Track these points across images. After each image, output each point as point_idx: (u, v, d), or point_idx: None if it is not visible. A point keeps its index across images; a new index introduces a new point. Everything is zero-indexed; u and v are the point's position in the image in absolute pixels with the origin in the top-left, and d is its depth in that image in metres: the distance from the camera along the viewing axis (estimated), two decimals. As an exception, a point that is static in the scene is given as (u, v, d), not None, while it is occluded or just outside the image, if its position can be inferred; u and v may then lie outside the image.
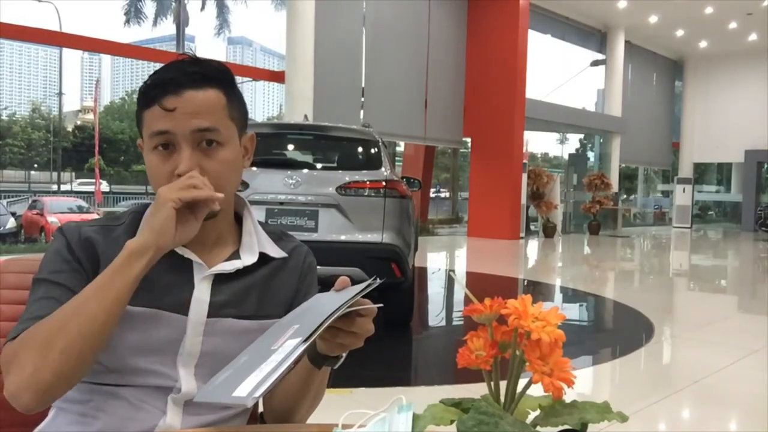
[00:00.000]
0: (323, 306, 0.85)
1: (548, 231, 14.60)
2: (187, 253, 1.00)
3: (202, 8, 26.16)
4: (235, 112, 1.02)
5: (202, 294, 0.99)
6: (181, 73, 0.96)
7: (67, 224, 1.02)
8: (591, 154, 26.03)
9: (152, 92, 0.96)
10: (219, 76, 0.99)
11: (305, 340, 0.78)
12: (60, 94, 39.77)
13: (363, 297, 0.86)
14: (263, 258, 1.06)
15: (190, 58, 1.00)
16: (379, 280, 0.89)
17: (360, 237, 4.26)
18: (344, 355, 0.96)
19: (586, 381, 3.86)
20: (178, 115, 0.95)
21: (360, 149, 4.71)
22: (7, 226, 14.76)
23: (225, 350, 0.98)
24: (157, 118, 0.95)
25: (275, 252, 1.08)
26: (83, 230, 0.99)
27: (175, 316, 0.97)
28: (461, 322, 5.49)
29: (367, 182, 4.34)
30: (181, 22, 24.66)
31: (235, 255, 1.04)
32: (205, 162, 0.97)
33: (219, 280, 1.01)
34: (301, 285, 1.10)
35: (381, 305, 0.90)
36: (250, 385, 0.74)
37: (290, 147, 5.05)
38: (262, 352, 0.80)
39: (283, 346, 0.79)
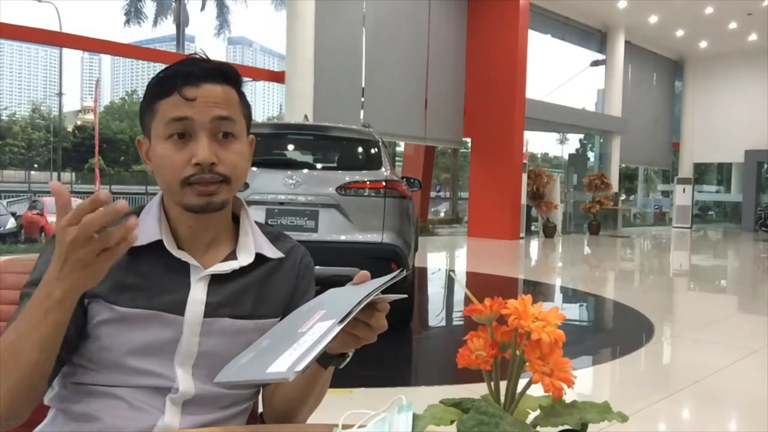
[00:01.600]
0: (347, 295, 0.85)
1: (548, 231, 14.60)
2: (184, 256, 1.00)
3: (202, 8, 26.26)
4: (245, 110, 1.04)
5: (198, 294, 0.99)
6: (200, 68, 0.98)
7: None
8: (591, 154, 26.07)
9: (170, 82, 0.97)
10: (233, 76, 1.02)
11: (341, 321, 0.77)
12: (60, 94, 39.83)
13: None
14: (260, 258, 1.06)
15: (203, 57, 1.01)
16: (406, 272, 0.89)
17: (360, 237, 4.26)
18: (350, 354, 0.96)
19: (586, 381, 3.86)
20: (198, 104, 0.96)
21: (360, 149, 4.71)
22: (7, 226, 14.78)
23: (222, 350, 0.98)
24: (176, 106, 0.96)
25: (272, 252, 1.08)
26: None
27: (171, 317, 0.97)
28: (461, 322, 5.49)
29: (367, 182, 4.34)
30: (181, 22, 24.71)
31: (232, 255, 1.04)
32: (221, 152, 0.98)
33: (215, 280, 1.01)
34: (298, 285, 1.10)
35: (405, 295, 0.90)
36: (287, 361, 0.73)
37: (290, 147, 5.05)
38: (289, 335, 0.80)
39: (313, 329, 0.79)
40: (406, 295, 0.90)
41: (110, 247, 0.75)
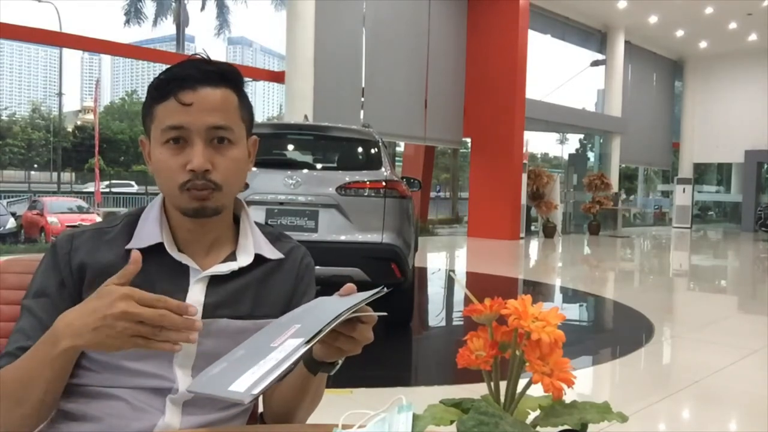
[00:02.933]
0: (327, 309, 0.84)
1: (548, 231, 14.60)
2: (184, 259, 1.01)
3: (202, 8, 26.26)
4: (245, 113, 1.03)
5: (196, 296, 0.99)
6: (198, 71, 0.97)
7: (60, 236, 1.03)
8: (591, 155, 26.06)
9: (168, 86, 0.96)
10: (233, 78, 1.01)
11: (308, 342, 0.77)
12: (60, 94, 39.79)
13: (366, 304, 0.86)
14: (259, 259, 1.06)
15: (204, 58, 1.00)
16: (386, 289, 0.87)
17: (360, 237, 4.26)
18: (340, 362, 0.96)
19: (586, 381, 3.86)
20: (194, 110, 0.95)
21: (360, 149, 4.71)
22: (7, 227, 14.76)
23: (221, 350, 0.98)
24: (172, 112, 0.96)
25: (271, 253, 1.08)
26: (75, 243, 1.00)
27: None
28: (461, 323, 5.49)
29: (367, 182, 4.34)
30: (181, 22, 24.72)
31: (232, 256, 1.05)
32: (217, 159, 0.98)
33: (214, 281, 1.01)
34: (298, 286, 1.10)
35: (385, 314, 0.89)
36: (248, 381, 0.73)
37: (290, 147, 5.05)
38: (260, 349, 0.80)
39: (283, 345, 0.79)
40: (385, 313, 0.89)
41: (149, 339, 0.79)
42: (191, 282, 1.00)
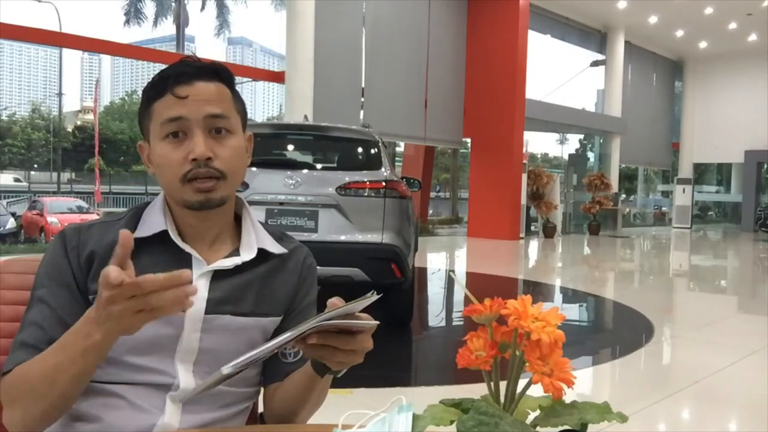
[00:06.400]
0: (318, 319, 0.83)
1: (548, 231, 14.60)
2: (188, 248, 1.01)
3: (202, 8, 26.22)
4: (239, 107, 1.05)
5: (199, 291, 0.99)
6: (191, 67, 1.00)
7: (68, 226, 1.03)
8: (591, 155, 26.07)
9: (163, 83, 0.99)
10: (224, 74, 1.03)
11: (292, 338, 0.81)
12: (60, 94, 39.83)
13: (362, 311, 0.85)
14: (262, 255, 1.06)
15: (194, 58, 1.03)
16: (377, 295, 0.85)
17: (360, 237, 4.25)
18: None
19: (586, 381, 3.86)
20: (191, 102, 0.97)
21: (360, 149, 4.71)
22: (7, 227, 14.76)
23: (223, 347, 0.99)
24: (170, 106, 0.98)
25: (274, 248, 1.08)
26: (83, 236, 1.01)
27: None
28: (461, 323, 5.49)
29: (367, 182, 4.34)
30: (181, 22, 24.68)
31: (235, 253, 1.05)
32: (217, 148, 0.99)
33: (217, 276, 1.02)
34: (300, 286, 1.11)
35: (376, 323, 0.87)
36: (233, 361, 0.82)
37: (290, 147, 5.05)
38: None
39: (274, 340, 0.83)
40: (377, 322, 0.87)
41: (149, 310, 0.77)
42: (195, 276, 1.00)
